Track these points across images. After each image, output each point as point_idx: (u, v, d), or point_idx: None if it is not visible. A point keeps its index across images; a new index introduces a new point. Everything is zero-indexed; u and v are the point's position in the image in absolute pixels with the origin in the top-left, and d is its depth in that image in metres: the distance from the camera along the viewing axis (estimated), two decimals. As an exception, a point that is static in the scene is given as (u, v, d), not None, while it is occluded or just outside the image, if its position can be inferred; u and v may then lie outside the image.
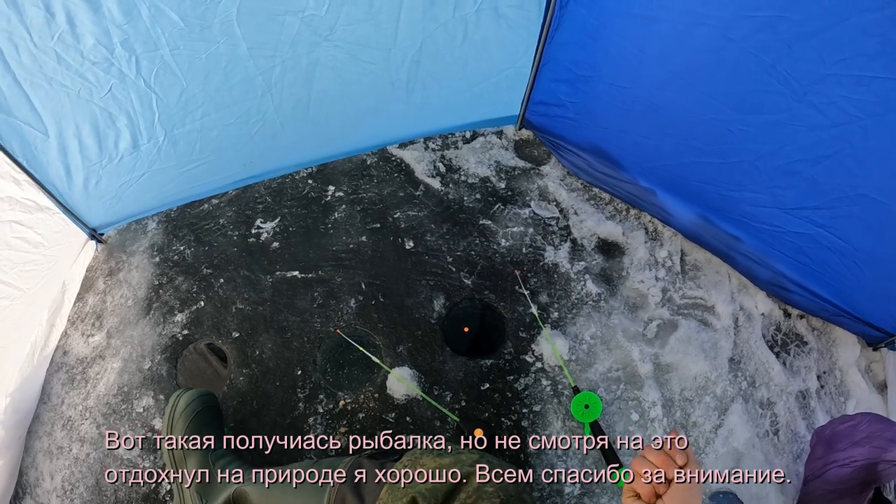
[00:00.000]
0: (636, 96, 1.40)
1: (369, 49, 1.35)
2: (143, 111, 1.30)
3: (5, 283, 1.30)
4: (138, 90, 1.25)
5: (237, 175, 1.56)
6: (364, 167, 1.66)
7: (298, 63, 1.34)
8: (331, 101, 1.46)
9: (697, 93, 1.27)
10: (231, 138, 1.45)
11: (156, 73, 1.23)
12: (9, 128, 1.19)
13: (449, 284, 1.50)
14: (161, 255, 1.58)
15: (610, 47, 1.36)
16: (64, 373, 1.47)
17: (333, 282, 1.51)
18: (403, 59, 1.41)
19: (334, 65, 1.36)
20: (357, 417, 1.37)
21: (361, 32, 1.31)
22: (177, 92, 1.29)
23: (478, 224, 1.57)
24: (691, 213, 1.54)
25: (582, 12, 1.34)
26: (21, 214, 1.29)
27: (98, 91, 1.22)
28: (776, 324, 1.57)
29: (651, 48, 1.28)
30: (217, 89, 1.33)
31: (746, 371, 1.48)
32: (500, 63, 1.50)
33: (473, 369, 1.41)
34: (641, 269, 1.55)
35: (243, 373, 1.43)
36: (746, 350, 1.51)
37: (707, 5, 1.11)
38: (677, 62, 1.25)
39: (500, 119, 1.70)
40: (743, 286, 1.58)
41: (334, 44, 1.31)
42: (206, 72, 1.28)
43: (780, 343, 1.54)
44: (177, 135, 1.39)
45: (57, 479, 1.38)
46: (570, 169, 1.68)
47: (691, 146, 1.39)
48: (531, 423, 1.37)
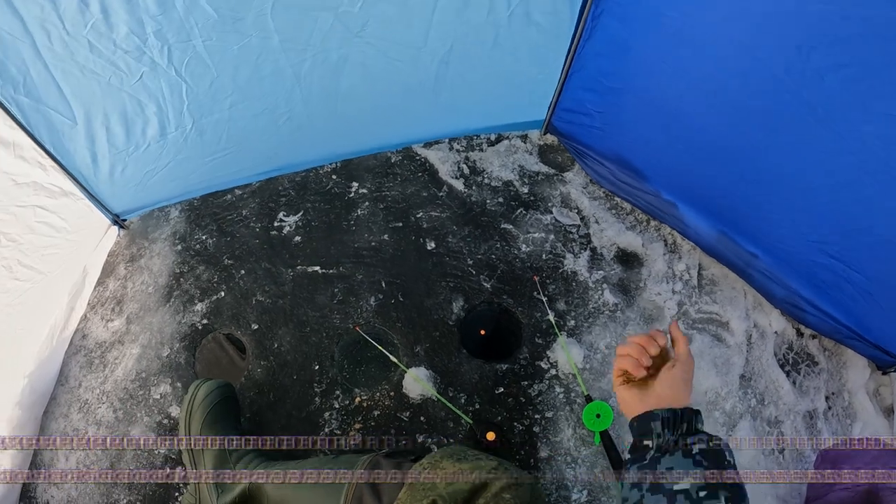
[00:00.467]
0: (663, 110, 1.36)
1: (399, 47, 1.30)
2: (172, 99, 1.25)
3: (27, 267, 1.26)
4: (169, 79, 1.20)
5: (261, 166, 1.51)
6: (388, 165, 1.62)
7: (328, 58, 1.29)
8: (358, 97, 1.40)
9: (724, 110, 1.22)
10: (258, 129, 1.41)
11: (187, 62, 1.19)
12: (37, 114, 1.13)
13: (468, 287, 1.46)
14: (183, 244, 1.53)
15: (640, 61, 1.31)
16: (82, 356, 1.45)
17: (354, 279, 1.47)
18: (433, 59, 1.36)
19: (364, 61, 1.31)
20: (372, 415, 1.35)
21: (393, 30, 1.26)
22: (207, 81, 1.24)
23: (499, 228, 1.54)
24: (711, 227, 1.50)
25: (615, 25, 1.29)
26: (46, 199, 1.25)
27: (129, 79, 1.16)
28: (788, 342, 1.54)
29: (681, 65, 1.23)
30: (247, 80, 1.27)
31: (756, 388, 1.45)
32: (529, 68, 1.45)
33: (489, 373, 1.39)
34: (659, 281, 1.52)
35: (261, 365, 1.40)
36: (758, 367, 1.48)
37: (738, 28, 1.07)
38: (706, 79, 1.20)
39: (526, 123, 1.65)
40: (758, 303, 1.54)
41: (365, 40, 1.26)
42: (237, 63, 1.23)
43: (792, 362, 1.51)
44: (204, 124, 1.34)
45: (72, 460, 1.36)
46: (593, 177, 1.64)
47: (715, 162, 1.35)
48: (542, 429, 1.34)
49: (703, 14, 1.10)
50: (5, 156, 1.13)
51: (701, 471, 0.63)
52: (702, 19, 1.11)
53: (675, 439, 0.68)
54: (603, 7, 1.29)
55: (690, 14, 1.12)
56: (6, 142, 1.12)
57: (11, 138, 1.14)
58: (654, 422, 0.71)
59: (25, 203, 1.20)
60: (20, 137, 1.15)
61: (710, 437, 0.68)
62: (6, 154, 1.13)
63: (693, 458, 0.65)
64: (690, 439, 0.67)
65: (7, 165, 1.14)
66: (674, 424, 0.70)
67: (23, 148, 1.17)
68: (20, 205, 1.19)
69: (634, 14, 1.25)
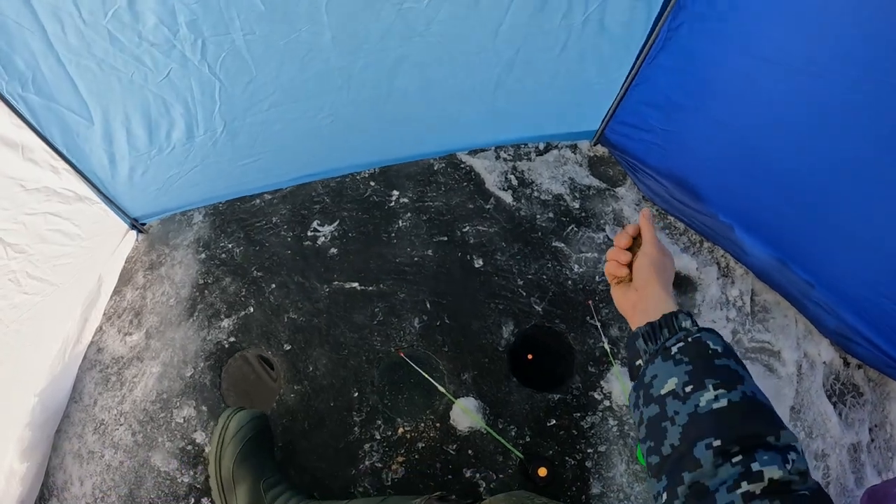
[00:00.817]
0: (737, 135, 1.24)
1: (463, 49, 1.14)
2: (202, 100, 1.06)
3: (37, 279, 1.09)
4: (200, 77, 1.01)
5: (296, 171, 1.33)
6: (431, 172, 1.47)
7: (384, 58, 1.12)
8: (410, 101, 1.24)
9: (806, 147, 1.12)
10: (296, 134, 1.23)
11: (223, 58, 1.00)
12: (49, 113, 0.94)
13: (518, 309, 1.32)
14: (207, 252, 1.37)
15: (720, 82, 1.18)
16: (98, 371, 1.29)
17: (396, 297, 1.32)
18: (496, 63, 1.20)
19: (423, 62, 1.15)
20: (416, 447, 1.23)
21: (459, 30, 1.10)
22: (244, 81, 1.05)
23: (550, 246, 1.41)
24: (768, 254, 1.41)
25: (695, 40, 1.15)
26: (58, 205, 1.07)
27: (154, 76, 0.97)
28: (835, 373, 1.47)
29: (766, 92, 1.10)
30: (290, 80, 1.10)
31: (805, 421, 1.38)
32: (592, 77, 1.31)
33: (540, 403, 1.28)
34: (713, 307, 1.42)
35: (294, 389, 1.27)
36: (807, 399, 1.41)
37: (832, 58, 0.96)
38: (791, 111, 1.09)
39: (577, 133, 1.50)
40: (808, 332, 1.46)
41: (427, 40, 1.10)
42: (281, 61, 1.04)
43: (838, 393, 1.45)
44: (237, 127, 1.16)
45: (87, 484, 1.23)
46: (646, 193, 1.52)
47: (787, 197, 1.24)
48: (595, 464, 1.25)
49: (800, 47, 0.98)
50: (13, 159, 0.95)
51: (682, 367, 0.59)
52: (797, 52, 0.99)
53: (658, 348, 0.64)
54: (682, 20, 1.16)
55: (786, 43, 1.00)
56: (13, 143, 0.95)
57: (19, 139, 0.96)
58: (637, 341, 0.67)
59: (36, 210, 1.03)
60: (29, 138, 0.98)
61: (688, 333, 0.62)
62: (14, 157, 0.95)
63: (673, 359, 0.60)
64: (669, 342, 0.62)
65: (14, 170, 0.96)
66: (654, 336, 0.66)
67: (32, 150, 0.99)
68: (30, 212, 1.02)
69: (720, 31, 1.12)
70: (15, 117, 0.91)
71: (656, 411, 0.59)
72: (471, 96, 1.27)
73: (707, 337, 0.61)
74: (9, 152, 0.92)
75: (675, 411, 0.56)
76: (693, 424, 0.54)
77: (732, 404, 0.54)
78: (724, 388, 0.55)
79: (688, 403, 0.56)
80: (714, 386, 0.55)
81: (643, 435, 0.60)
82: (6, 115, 0.90)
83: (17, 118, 0.91)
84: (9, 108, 0.88)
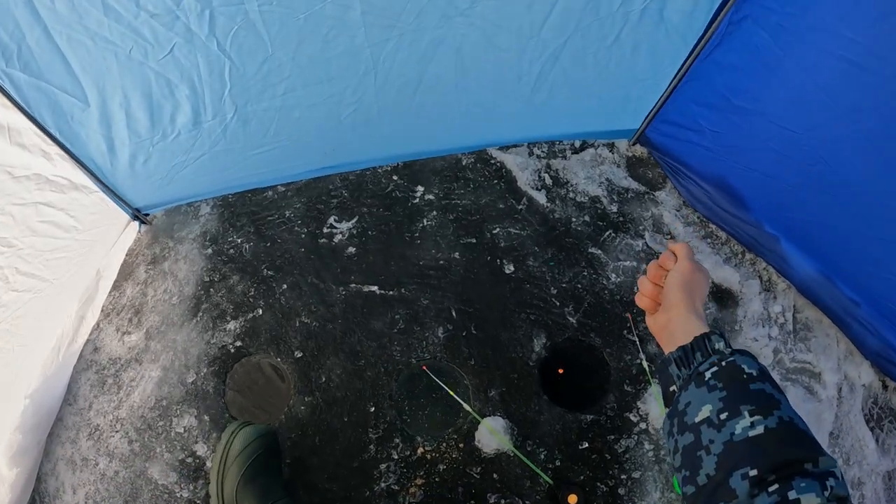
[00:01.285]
0: (803, 145, 1.12)
1: (509, 34, 1.02)
2: (210, 81, 0.93)
3: (27, 275, 0.97)
4: (208, 54, 0.88)
5: (313, 164, 1.21)
6: (458, 167, 1.34)
7: (419, 39, 0.99)
8: (443, 90, 1.12)
9: (879, 162, 1.02)
10: (315, 121, 1.11)
11: (234, 33, 0.87)
12: (39, 93, 0.81)
13: (551, 321, 1.21)
14: (214, 247, 1.24)
15: (789, 84, 1.06)
16: (94, 372, 1.18)
17: (418, 304, 1.21)
18: (542, 52, 1.08)
19: (461, 46, 1.03)
20: (437, 469, 1.13)
21: (507, 12, 0.97)
22: (258, 60, 0.93)
23: (586, 252, 1.29)
24: (813, 268, 1.31)
25: (762, 36, 1.03)
26: (51, 195, 0.95)
27: (155, 52, 0.84)
28: (874, 396, 1.38)
29: (846, 99, 0.99)
30: (310, 61, 0.96)
31: (843, 447, 1.30)
32: (641, 72, 1.18)
33: (572, 424, 1.18)
34: (755, 324, 1.32)
35: (305, 401, 1.16)
36: (846, 424, 1.32)
37: None
38: (875, 123, 0.99)
39: (615, 132, 1.38)
40: (849, 353, 1.37)
41: (470, 21, 0.97)
42: (301, 38, 0.91)
43: (876, 418, 1.37)
44: (249, 112, 1.03)
45: (80, 493, 1.12)
46: (687, 198, 1.41)
47: (842, 212, 1.14)
48: (628, 491, 1.16)
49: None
50: (-2, 143, 0.84)
51: (717, 394, 0.56)
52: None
53: (691, 373, 0.62)
54: (746, 13, 1.03)
55: (882, 46, 0.88)
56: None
57: (5, 121, 0.83)
58: (670, 366, 0.64)
59: (25, 200, 0.91)
60: (17, 120, 0.85)
61: (721, 356, 0.59)
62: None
63: (707, 385, 0.58)
64: (702, 366, 0.60)
65: (1, 155, 0.85)
66: (686, 360, 0.63)
67: (21, 133, 0.87)
68: (19, 203, 0.90)
69: (792, 28, 0.99)
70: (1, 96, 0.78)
71: (691, 440, 0.56)
72: (510, 88, 1.15)
73: (741, 360, 0.58)
74: (-6, 136, 0.80)
75: (710, 440, 0.54)
76: (728, 453, 0.52)
77: (769, 431, 0.51)
78: (760, 414, 0.53)
79: (723, 431, 0.53)
80: (750, 412, 0.53)
81: (678, 464, 0.58)
82: (-10, 94, 0.77)
83: (2, 96, 0.78)
84: (-9, 83, 0.76)
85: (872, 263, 1.19)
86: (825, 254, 1.28)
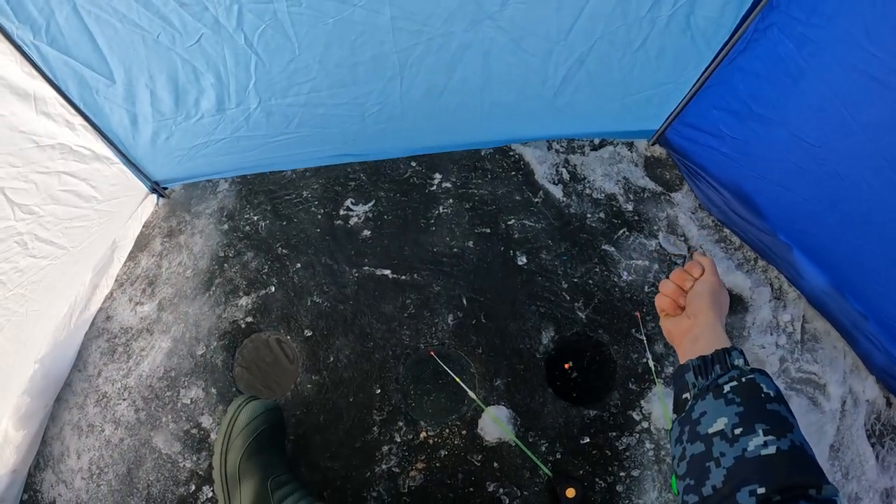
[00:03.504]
0: (820, 158, 1.09)
1: (536, 38, 0.99)
2: (236, 73, 0.92)
3: (46, 242, 0.96)
4: (235, 47, 0.87)
5: (333, 151, 1.20)
6: (477, 158, 1.32)
7: (447, 44, 0.96)
8: (467, 93, 1.08)
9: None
10: (338, 118, 1.08)
11: (262, 31, 0.85)
12: (65, 67, 0.81)
13: (561, 315, 1.20)
14: (230, 223, 1.24)
15: (810, 96, 1.03)
16: (104, 340, 1.18)
17: (430, 289, 1.20)
18: (568, 56, 1.05)
19: (489, 50, 0.99)
20: (438, 454, 1.13)
21: (535, 17, 0.94)
22: (284, 59, 0.91)
23: (599, 249, 1.28)
24: (824, 280, 1.29)
25: (787, 45, 1.00)
26: (73, 164, 0.93)
27: (183, 40, 0.84)
28: (877, 412, 1.37)
29: (865, 115, 0.96)
30: (337, 65, 0.94)
31: (843, 461, 1.28)
32: (664, 76, 1.16)
33: (575, 418, 1.17)
34: (763, 331, 1.31)
35: (312, 379, 1.15)
36: (847, 438, 1.31)
37: None
38: (892, 141, 0.96)
39: (634, 132, 1.35)
40: (855, 367, 1.35)
41: (499, 24, 0.95)
42: (329, 41, 0.90)
43: (878, 434, 1.35)
44: (273, 105, 1.00)
45: (84, 458, 1.13)
46: (703, 202, 1.39)
47: (856, 226, 1.12)
48: (626, 489, 1.16)
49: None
50: (24, 110, 0.82)
51: (733, 408, 0.56)
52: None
53: (708, 384, 0.62)
54: (772, 21, 1.01)
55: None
56: (24, 93, 0.81)
57: (32, 89, 0.82)
58: (687, 374, 0.65)
59: (49, 169, 0.90)
60: (43, 89, 0.84)
61: (741, 372, 0.60)
62: (25, 109, 0.82)
63: (725, 398, 0.58)
64: (721, 380, 0.60)
65: (26, 123, 0.83)
66: (705, 370, 0.63)
67: (46, 102, 0.86)
68: (42, 171, 0.89)
69: (818, 39, 0.97)
70: (27, 65, 0.77)
71: (701, 449, 0.56)
72: (535, 91, 1.14)
73: (760, 379, 0.59)
74: (20, 104, 0.79)
75: (722, 452, 0.54)
76: (739, 468, 0.52)
77: (781, 452, 0.52)
78: (774, 435, 0.53)
79: (735, 446, 0.53)
80: (764, 431, 0.53)
81: (683, 471, 0.58)
82: (17, 62, 0.76)
83: (30, 66, 0.77)
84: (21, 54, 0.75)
85: (882, 280, 1.17)
86: (836, 267, 1.26)
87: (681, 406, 0.65)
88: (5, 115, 0.79)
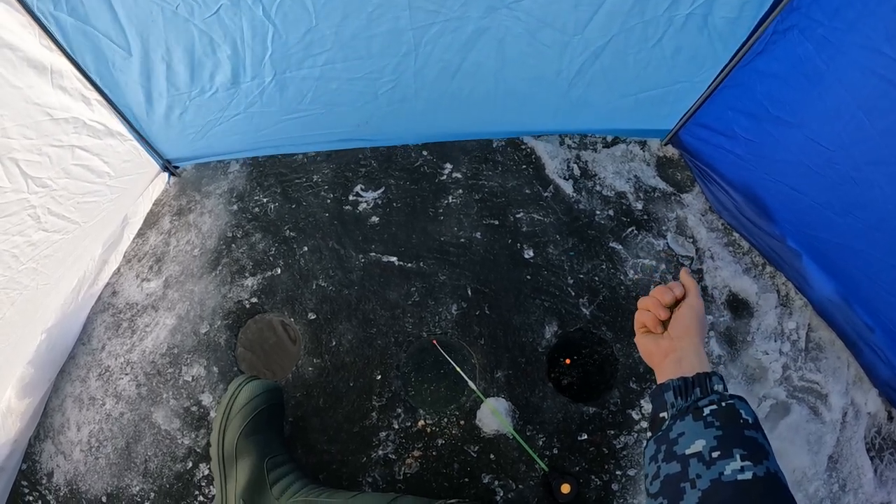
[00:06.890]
0: (836, 163, 1.08)
1: (552, 30, 0.99)
2: (253, 44, 0.92)
3: (58, 216, 0.97)
4: (253, 19, 0.87)
5: (345, 134, 1.19)
6: (488, 149, 1.32)
7: (463, 26, 0.96)
8: (481, 77, 1.09)
9: None
10: (352, 94, 1.08)
11: (280, 1, 0.88)
12: (84, 38, 0.81)
13: (565, 310, 1.20)
14: (240, 204, 1.24)
15: (828, 99, 1.02)
16: (110, 315, 1.19)
17: (436, 278, 1.20)
18: (584, 50, 1.05)
19: (504, 37, 0.99)
20: (435, 443, 1.14)
21: (553, 9, 0.94)
22: (301, 30, 0.92)
23: (606, 246, 1.27)
24: (831, 289, 1.28)
25: (806, 48, 0.99)
26: (87, 139, 0.94)
27: (201, 11, 0.84)
28: (878, 426, 1.36)
29: (883, 121, 0.94)
30: (353, 37, 0.95)
31: (841, 473, 1.28)
32: (680, 74, 1.15)
33: (574, 414, 1.17)
34: (767, 337, 1.30)
35: (313, 362, 1.16)
36: (847, 450, 1.30)
37: None
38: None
39: (647, 131, 1.35)
40: (858, 379, 1.34)
41: (516, 14, 0.95)
42: (346, 13, 0.90)
43: (877, 448, 1.35)
44: (287, 79, 1.01)
45: (84, 431, 1.14)
46: (713, 204, 1.38)
47: (868, 237, 1.11)
48: (621, 488, 1.16)
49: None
50: (40, 83, 0.82)
51: (712, 431, 0.57)
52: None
53: (688, 405, 0.62)
54: (792, 22, 0.99)
55: None
56: (41, 66, 0.81)
57: (49, 62, 0.83)
58: (667, 393, 0.65)
59: (63, 143, 0.91)
60: (60, 62, 0.84)
61: (721, 397, 0.61)
62: (41, 82, 0.82)
63: (704, 420, 0.59)
64: (702, 402, 0.61)
65: (41, 96, 0.83)
66: (685, 392, 0.64)
67: (63, 76, 0.86)
68: (56, 144, 0.90)
69: (839, 42, 0.95)
70: (45, 38, 0.78)
71: (676, 470, 0.57)
72: (549, 82, 1.13)
73: (740, 405, 0.59)
74: (36, 76, 0.79)
75: (698, 474, 0.54)
76: (714, 492, 0.53)
77: (757, 479, 0.52)
78: (751, 461, 0.53)
79: (712, 469, 0.54)
80: (742, 457, 0.54)
81: (655, 490, 0.58)
82: (35, 33, 0.76)
83: (48, 39, 0.77)
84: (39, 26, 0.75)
85: (890, 291, 1.16)
86: (844, 275, 1.25)
87: (657, 424, 0.65)
88: (21, 87, 0.79)
